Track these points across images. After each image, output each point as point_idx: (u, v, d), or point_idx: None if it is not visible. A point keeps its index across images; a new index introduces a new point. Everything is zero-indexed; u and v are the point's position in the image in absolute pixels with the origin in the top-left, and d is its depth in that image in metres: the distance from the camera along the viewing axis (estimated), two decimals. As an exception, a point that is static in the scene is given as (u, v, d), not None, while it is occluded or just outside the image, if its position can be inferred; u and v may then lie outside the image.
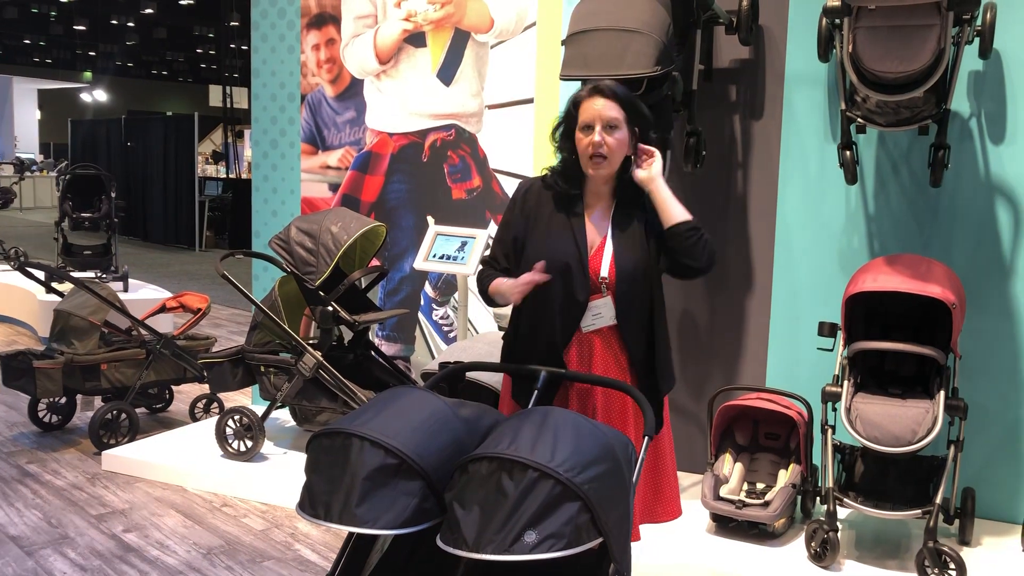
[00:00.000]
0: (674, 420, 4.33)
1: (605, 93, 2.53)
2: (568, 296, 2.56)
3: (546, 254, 2.56)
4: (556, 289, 2.56)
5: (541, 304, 2.59)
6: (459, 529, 1.86)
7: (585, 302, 2.57)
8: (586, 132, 2.52)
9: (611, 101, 2.52)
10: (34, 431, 5.15)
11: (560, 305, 2.57)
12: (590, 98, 2.53)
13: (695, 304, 4.33)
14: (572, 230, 2.58)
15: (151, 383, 5.06)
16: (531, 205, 2.65)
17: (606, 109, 2.51)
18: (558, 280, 2.55)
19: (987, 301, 3.73)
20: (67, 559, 3.55)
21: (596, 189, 2.62)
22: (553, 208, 2.62)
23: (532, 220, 2.63)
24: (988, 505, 3.76)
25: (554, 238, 2.58)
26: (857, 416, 3.30)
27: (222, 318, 8.63)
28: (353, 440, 2.00)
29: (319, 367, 4.30)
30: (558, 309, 2.57)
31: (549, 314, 2.59)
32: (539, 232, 2.61)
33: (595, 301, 2.58)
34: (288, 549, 3.66)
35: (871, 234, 3.93)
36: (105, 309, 4.90)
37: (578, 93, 2.59)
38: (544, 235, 2.60)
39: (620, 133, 2.52)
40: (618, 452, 2.06)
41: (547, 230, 2.60)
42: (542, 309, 2.59)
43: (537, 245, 2.60)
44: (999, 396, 3.76)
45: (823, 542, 3.35)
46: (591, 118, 2.51)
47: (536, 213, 2.63)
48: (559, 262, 2.55)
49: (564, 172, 2.63)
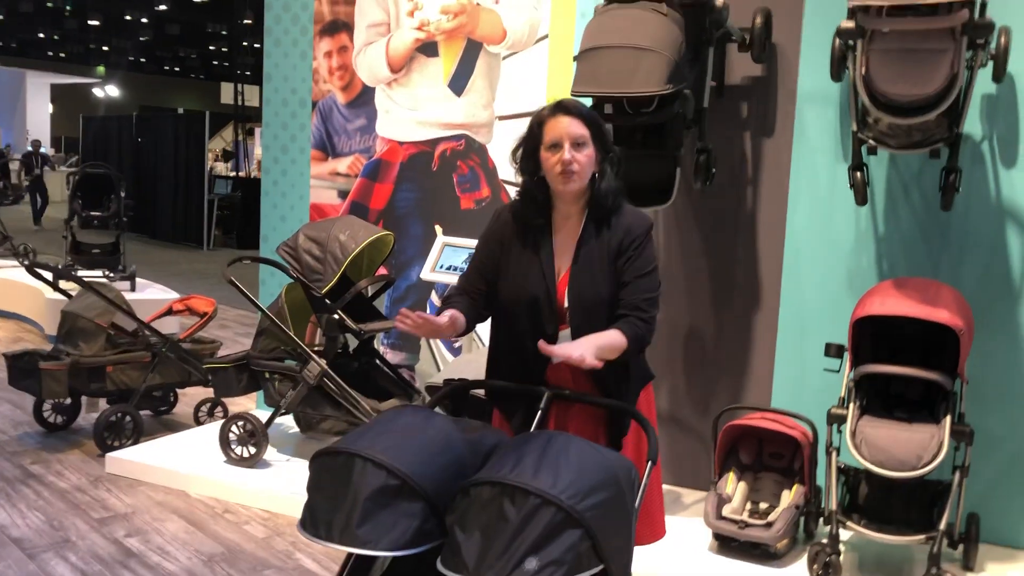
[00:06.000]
0: (678, 436, 4.33)
1: (570, 111, 2.45)
2: (536, 328, 2.48)
3: (514, 289, 2.50)
4: (525, 322, 2.50)
5: (513, 337, 2.54)
6: (460, 553, 1.86)
7: (555, 334, 2.49)
8: (553, 151, 2.43)
9: (576, 119, 2.44)
10: (39, 431, 5.17)
11: (531, 337, 2.46)
12: (554, 117, 2.45)
13: (701, 321, 4.32)
14: (540, 262, 2.50)
15: (156, 386, 5.07)
16: (505, 234, 2.56)
17: (572, 127, 2.42)
18: (527, 313, 2.49)
19: (996, 325, 3.71)
20: (68, 563, 3.55)
21: (565, 209, 2.53)
22: (522, 237, 2.54)
23: (505, 249, 2.55)
24: (993, 530, 3.73)
25: (523, 270, 2.51)
26: (863, 439, 3.28)
27: (229, 319, 8.64)
28: (356, 460, 2.00)
29: (324, 375, 4.30)
30: (529, 341, 2.47)
31: (520, 347, 2.52)
32: (509, 264, 2.53)
33: (564, 331, 2.50)
34: (289, 558, 3.66)
35: (880, 255, 3.92)
36: (112, 311, 4.91)
37: (540, 113, 2.50)
38: (514, 268, 2.52)
39: (588, 150, 2.44)
40: (621, 478, 2.05)
41: (517, 262, 2.52)
42: (515, 341, 2.54)
43: (508, 279, 2.53)
44: (1006, 420, 3.74)
45: (825, 564, 3.33)
46: (558, 136, 2.42)
47: (508, 242, 2.55)
48: (528, 296, 2.49)
49: (530, 195, 2.53)
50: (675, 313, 4.35)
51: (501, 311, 2.58)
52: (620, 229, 2.49)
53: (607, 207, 2.50)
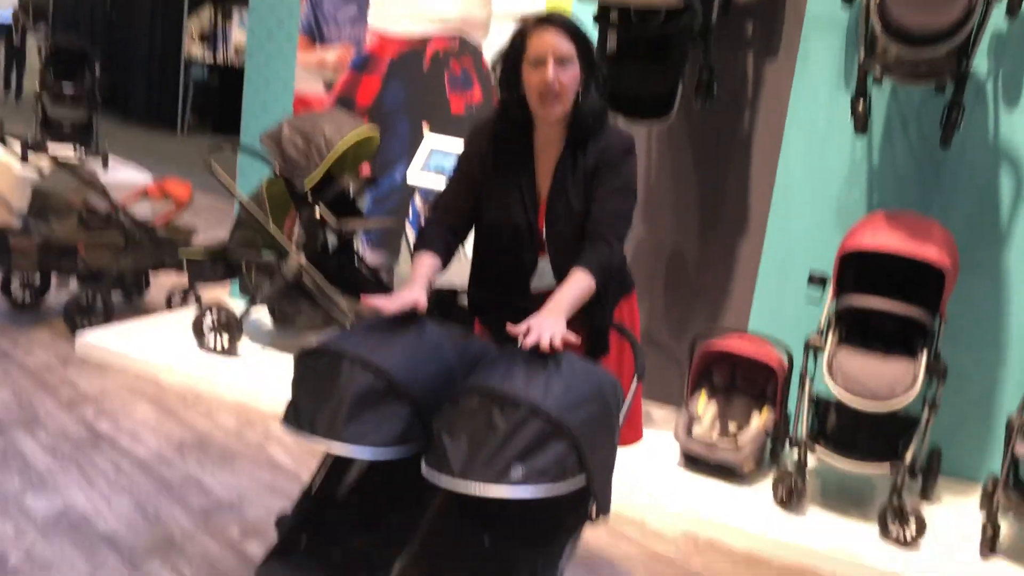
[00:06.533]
0: (652, 353, 4.35)
1: (556, 24, 2.25)
2: (516, 258, 2.42)
3: (496, 217, 2.40)
4: (506, 250, 2.42)
5: (495, 263, 2.47)
6: (446, 457, 1.85)
7: (534, 264, 2.42)
8: (536, 67, 2.24)
9: (562, 33, 2.24)
10: (6, 308, 5.08)
11: (510, 265, 2.42)
12: (539, 30, 2.25)
13: (686, 242, 4.30)
14: (521, 188, 2.38)
15: (129, 270, 4.98)
16: (484, 152, 2.42)
17: (558, 42, 2.23)
18: (508, 241, 2.41)
19: (979, 266, 3.74)
20: (38, 441, 3.53)
21: (546, 131, 2.38)
22: (504, 159, 2.40)
23: (486, 170, 2.41)
24: (953, 464, 3.83)
25: (505, 197, 2.39)
26: (838, 370, 3.31)
27: (203, 206, 8.48)
28: (343, 361, 1.97)
29: (302, 270, 4.24)
30: (509, 268, 2.43)
31: (500, 273, 2.46)
32: (492, 189, 2.41)
33: (543, 260, 2.42)
34: (261, 450, 3.67)
35: (872, 188, 3.89)
36: (85, 190, 4.78)
37: (525, 22, 2.31)
38: (496, 193, 2.41)
39: (572, 69, 2.25)
40: (608, 394, 2.05)
41: (499, 187, 2.40)
42: (497, 267, 2.47)
43: (490, 205, 2.42)
44: (977, 360, 3.80)
45: (790, 489, 3.41)
46: (542, 52, 2.23)
47: (488, 162, 2.41)
48: (510, 223, 2.39)
49: (508, 113, 2.37)
50: (660, 232, 4.32)
51: (483, 234, 2.49)
52: (598, 150, 2.35)
53: (587, 128, 2.35)
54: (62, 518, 3.00)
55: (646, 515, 3.40)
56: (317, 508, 2.20)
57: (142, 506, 3.13)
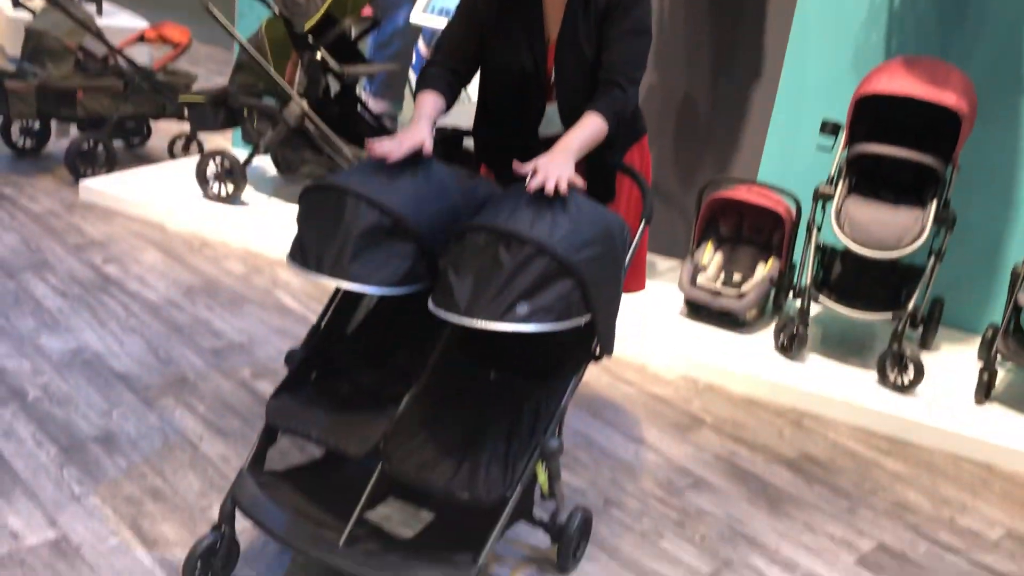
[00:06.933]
0: (660, 204, 4.33)
1: None
2: (524, 103, 2.35)
3: (503, 59, 2.32)
4: (513, 94, 2.35)
5: (501, 108, 2.40)
6: (452, 294, 1.86)
7: (542, 109, 2.37)
8: None
9: None
10: (7, 154, 5.04)
11: (517, 111, 2.36)
12: None
13: (697, 87, 4.19)
14: (529, 30, 2.29)
15: (128, 116, 4.90)
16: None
17: None
18: (516, 86, 2.33)
19: (995, 114, 3.65)
20: (48, 284, 3.57)
21: None
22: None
23: (491, 10, 2.30)
24: (954, 314, 3.86)
25: (512, 38, 2.30)
26: (847, 219, 3.29)
27: (201, 55, 8.28)
28: (348, 197, 1.95)
29: (305, 116, 4.17)
30: (516, 114, 2.37)
31: (507, 118, 2.41)
32: (495, 30, 2.31)
33: (551, 106, 2.37)
34: (268, 295, 3.71)
35: (891, 32, 3.76)
36: (81, 32, 4.65)
37: None
38: (503, 35, 2.30)
39: None
40: (615, 234, 2.04)
41: (506, 28, 2.30)
42: (502, 112, 2.41)
43: (496, 47, 2.32)
44: (985, 210, 3.77)
45: (792, 335, 3.45)
46: None
47: (494, 2, 2.29)
48: (517, 67, 2.31)
49: None
50: (671, 79, 4.21)
51: (488, 79, 2.41)
52: None
53: None
54: (76, 357, 3.06)
55: (647, 359, 3.46)
56: (326, 343, 2.23)
57: (154, 347, 3.19)
